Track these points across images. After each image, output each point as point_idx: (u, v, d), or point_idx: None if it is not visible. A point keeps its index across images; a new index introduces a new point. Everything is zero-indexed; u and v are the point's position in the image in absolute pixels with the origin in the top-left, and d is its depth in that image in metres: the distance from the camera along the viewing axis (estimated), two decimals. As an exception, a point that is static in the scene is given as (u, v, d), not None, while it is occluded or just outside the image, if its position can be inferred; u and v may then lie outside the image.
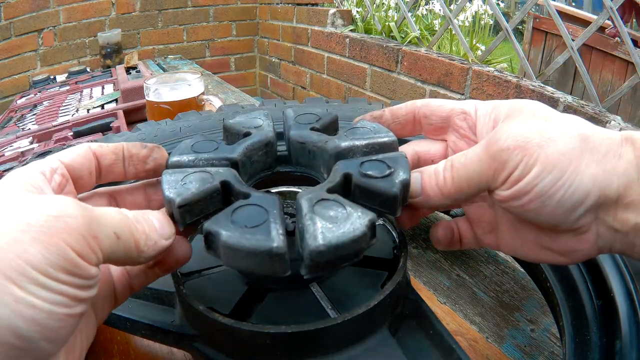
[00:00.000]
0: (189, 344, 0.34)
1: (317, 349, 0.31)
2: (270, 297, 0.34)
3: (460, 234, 0.34)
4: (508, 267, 0.56)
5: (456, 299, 0.52)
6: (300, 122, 0.35)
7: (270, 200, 0.26)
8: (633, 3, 1.90)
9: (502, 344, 0.46)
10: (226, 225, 0.24)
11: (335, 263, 0.24)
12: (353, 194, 0.28)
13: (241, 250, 0.23)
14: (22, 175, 0.22)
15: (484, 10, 1.74)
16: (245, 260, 0.24)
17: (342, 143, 0.31)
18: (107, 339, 0.45)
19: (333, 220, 0.24)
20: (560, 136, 0.25)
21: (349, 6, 1.81)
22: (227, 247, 0.24)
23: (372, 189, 0.27)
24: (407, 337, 0.34)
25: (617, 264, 0.36)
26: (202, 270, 0.37)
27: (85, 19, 1.95)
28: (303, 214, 0.25)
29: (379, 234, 0.40)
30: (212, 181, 0.27)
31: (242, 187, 0.28)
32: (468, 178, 0.27)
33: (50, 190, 0.23)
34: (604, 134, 0.26)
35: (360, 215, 0.25)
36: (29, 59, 1.85)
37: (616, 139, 0.25)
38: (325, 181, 0.28)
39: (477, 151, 0.27)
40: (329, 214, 0.25)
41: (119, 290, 0.28)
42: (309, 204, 0.25)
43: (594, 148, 0.25)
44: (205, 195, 0.27)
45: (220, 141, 0.33)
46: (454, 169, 0.27)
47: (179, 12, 2.17)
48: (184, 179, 0.27)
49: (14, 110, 1.35)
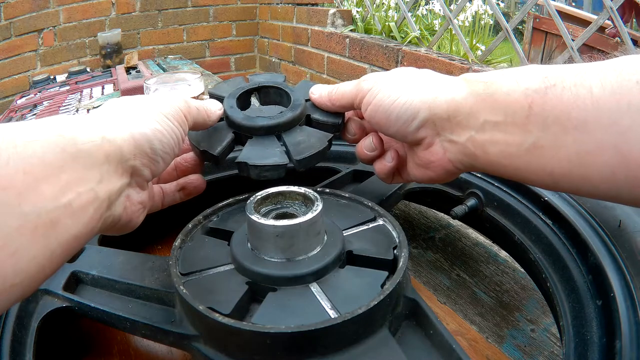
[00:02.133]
0: (189, 344, 0.34)
1: (317, 349, 0.31)
2: (270, 297, 0.34)
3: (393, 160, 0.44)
4: (508, 267, 0.56)
5: (456, 299, 0.52)
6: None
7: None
8: (633, 3, 1.90)
9: (502, 344, 0.46)
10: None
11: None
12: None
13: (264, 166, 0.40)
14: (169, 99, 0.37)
15: (484, 10, 1.74)
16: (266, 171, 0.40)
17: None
18: (107, 339, 0.45)
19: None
20: (403, 73, 0.38)
21: (349, 6, 1.81)
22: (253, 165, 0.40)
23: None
24: (407, 337, 0.34)
25: (617, 264, 0.36)
26: (202, 270, 0.37)
27: (85, 19, 1.95)
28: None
29: (379, 235, 0.40)
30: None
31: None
32: (344, 94, 0.41)
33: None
34: (449, 77, 0.36)
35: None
36: (29, 59, 1.85)
37: (456, 78, 0.35)
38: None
39: (352, 82, 0.41)
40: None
41: (156, 199, 0.41)
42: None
43: (432, 82, 0.36)
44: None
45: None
46: (338, 89, 0.43)
47: (179, 12, 2.16)
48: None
49: (14, 110, 1.35)
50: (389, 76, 0.38)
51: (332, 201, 0.45)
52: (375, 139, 0.43)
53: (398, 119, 0.36)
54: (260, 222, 0.35)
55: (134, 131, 0.32)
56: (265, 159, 0.40)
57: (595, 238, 0.39)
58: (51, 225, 0.24)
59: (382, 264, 0.37)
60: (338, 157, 0.60)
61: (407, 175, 0.43)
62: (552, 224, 0.44)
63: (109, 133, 0.30)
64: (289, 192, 0.40)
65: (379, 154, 0.43)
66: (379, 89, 0.37)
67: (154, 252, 0.58)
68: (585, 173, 0.29)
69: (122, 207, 0.32)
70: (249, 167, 0.40)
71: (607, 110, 0.27)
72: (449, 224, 0.64)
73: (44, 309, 0.38)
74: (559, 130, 0.29)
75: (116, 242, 0.45)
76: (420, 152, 0.38)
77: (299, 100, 0.44)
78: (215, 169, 0.58)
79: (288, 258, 0.36)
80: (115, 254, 0.43)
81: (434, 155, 0.37)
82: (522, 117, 0.30)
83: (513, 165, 0.32)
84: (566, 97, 0.28)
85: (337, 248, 0.37)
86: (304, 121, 0.44)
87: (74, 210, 0.25)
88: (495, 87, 0.32)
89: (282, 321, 0.31)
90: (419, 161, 0.39)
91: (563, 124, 0.28)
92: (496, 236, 0.51)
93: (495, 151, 0.32)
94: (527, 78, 0.31)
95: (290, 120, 0.42)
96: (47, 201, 0.24)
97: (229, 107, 0.43)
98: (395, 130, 0.37)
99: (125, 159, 0.31)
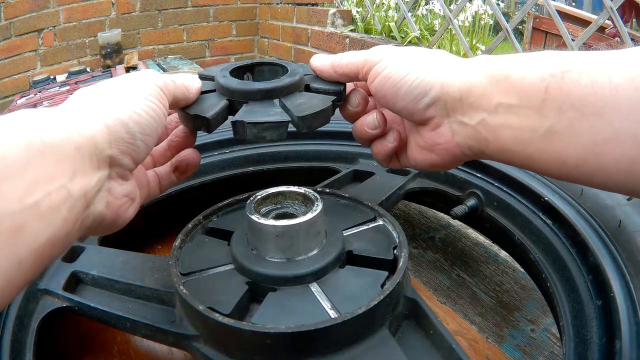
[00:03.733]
0: (189, 344, 0.34)
1: (317, 348, 0.31)
2: (270, 297, 0.34)
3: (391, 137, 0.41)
4: (508, 267, 0.56)
5: (456, 299, 0.52)
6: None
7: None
8: (633, 3, 1.90)
9: (502, 344, 0.46)
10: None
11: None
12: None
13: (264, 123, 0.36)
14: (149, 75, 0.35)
15: (484, 10, 1.74)
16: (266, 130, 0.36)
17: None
18: (107, 339, 0.45)
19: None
20: (415, 50, 0.36)
21: (349, 6, 1.81)
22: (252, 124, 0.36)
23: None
24: (407, 337, 0.34)
25: (617, 264, 0.36)
26: (202, 270, 0.37)
27: (85, 19, 1.94)
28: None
29: (379, 235, 0.40)
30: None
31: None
32: (349, 62, 0.39)
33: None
34: (464, 59, 0.35)
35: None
36: (29, 59, 1.85)
37: (471, 60, 0.34)
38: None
39: (360, 52, 0.39)
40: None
41: (152, 186, 0.39)
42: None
43: (445, 61, 0.35)
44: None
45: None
46: (343, 57, 0.40)
47: (179, 12, 2.16)
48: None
49: (14, 110, 1.35)
50: (401, 50, 0.36)
51: (332, 201, 0.45)
52: (379, 116, 0.40)
53: (407, 94, 0.34)
54: (260, 222, 0.35)
55: (107, 117, 0.29)
56: (265, 117, 0.36)
57: (595, 238, 0.39)
58: (16, 230, 0.22)
59: (382, 264, 0.37)
60: (338, 157, 0.60)
61: (406, 160, 0.41)
62: (552, 224, 0.44)
63: (79, 123, 0.27)
64: (289, 192, 0.40)
65: (380, 133, 0.40)
66: (390, 61, 0.35)
67: (154, 252, 0.58)
68: (600, 162, 0.28)
69: (103, 203, 0.29)
70: (246, 125, 0.36)
71: (626, 98, 0.26)
72: (449, 224, 0.64)
73: (44, 309, 0.38)
74: (575, 117, 0.28)
75: (116, 242, 0.45)
76: (426, 133, 0.36)
77: (296, 71, 0.41)
78: (215, 169, 0.58)
79: (288, 258, 0.36)
80: (115, 254, 0.43)
81: (440, 137, 0.35)
82: (537, 101, 0.29)
83: (526, 151, 0.31)
84: (583, 83, 0.27)
85: (337, 248, 0.37)
86: (303, 88, 0.41)
87: (43, 211, 0.23)
88: (510, 69, 0.31)
89: (282, 321, 0.31)
90: (424, 143, 0.37)
91: (580, 110, 0.27)
92: (496, 236, 0.51)
93: (507, 136, 0.31)
94: (543, 62, 0.30)
95: (289, 84, 0.39)
96: (9, 203, 0.21)
97: (221, 77, 0.40)
98: (403, 105, 0.35)
99: (100, 149, 0.28)
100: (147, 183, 0.38)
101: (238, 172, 0.58)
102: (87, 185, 0.26)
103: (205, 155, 0.57)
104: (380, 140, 0.40)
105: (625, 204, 0.41)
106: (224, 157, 0.59)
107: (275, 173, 0.58)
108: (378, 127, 0.40)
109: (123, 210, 0.31)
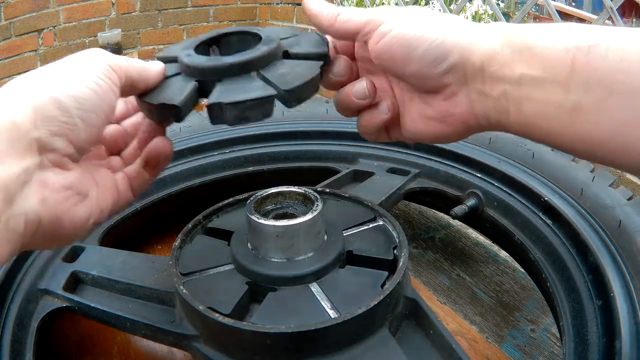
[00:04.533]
0: (189, 344, 0.34)
1: (317, 348, 0.31)
2: (270, 297, 0.34)
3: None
4: (508, 267, 0.56)
5: (456, 299, 0.52)
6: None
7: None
8: (633, 3, 1.91)
9: (502, 344, 0.46)
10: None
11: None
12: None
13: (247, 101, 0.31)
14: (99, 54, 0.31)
15: (484, 10, 1.75)
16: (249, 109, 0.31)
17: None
18: (107, 339, 0.45)
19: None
20: (424, 10, 0.33)
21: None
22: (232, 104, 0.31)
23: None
24: (407, 337, 0.34)
25: (617, 264, 0.36)
26: (202, 270, 0.37)
27: (85, 19, 1.95)
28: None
29: (379, 235, 0.40)
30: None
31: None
32: (349, 19, 0.34)
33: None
34: (479, 24, 0.32)
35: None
36: (29, 59, 1.85)
37: (488, 25, 0.31)
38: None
39: (362, 9, 0.35)
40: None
41: (121, 189, 0.33)
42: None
43: (462, 24, 0.31)
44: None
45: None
46: (343, 11, 0.35)
47: (179, 12, 2.16)
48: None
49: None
50: (409, 9, 0.33)
51: (332, 201, 0.45)
52: (370, 84, 0.35)
53: (423, 57, 0.31)
54: (260, 222, 0.35)
55: (33, 95, 0.25)
56: (245, 94, 0.32)
57: (595, 238, 0.39)
58: None
59: (382, 264, 0.37)
60: (338, 157, 0.60)
61: (399, 132, 0.37)
62: (552, 224, 0.44)
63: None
64: (289, 192, 0.40)
65: (368, 104, 0.36)
66: (401, 20, 0.31)
67: (154, 252, 0.58)
68: (626, 143, 0.27)
69: (35, 198, 0.24)
70: (225, 107, 0.31)
71: None
72: (449, 224, 0.64)
73: (44, 309, 0.38)
74: (602, 94, 0.26)
75: (116, 242, 0.45)
76: (436, 102, 0.33)
77: (271, 37, 0.36)
78: (215, 169, 0.58)
79: (288, 258, 0.36)
80: (115, 254, 0.43)
81: (456, 107, 0.32)
82: (563, 75, 0.27)
83: (548, 127, 0.29)
84: (611, 58, 0.26)
85: (337, 248, 0.37)
86: (281, 57, 0.36)
87: None
88: (533, 39, 0.29)
89: (282, 321, 0.31)
90: (433, 113, 0.33)
91: (608, 87, 0.26)
92: (496, 236, 0.51)
93: (531, 110, 0.29)
94: (568, 33, 0.28)
95: (267, 53, 0.34)
96: None
97: (186, 56, 0.35)
98: (416, 69, 0.31)
99: (23, 131, 0.23)
100: (114, 186, 0.33)
101: (238, 172, 0.58)
102: (6, 176, 0.22)
103: (205, 155, 0.57)
104: (369, 112, 0.36)
105: (625, 204, 0.41)
106: (224, 157, 0.59)
107: (275, 173, 0.58)
108: (368, 97, 0.35)
109: (67, 208, 0.26)
